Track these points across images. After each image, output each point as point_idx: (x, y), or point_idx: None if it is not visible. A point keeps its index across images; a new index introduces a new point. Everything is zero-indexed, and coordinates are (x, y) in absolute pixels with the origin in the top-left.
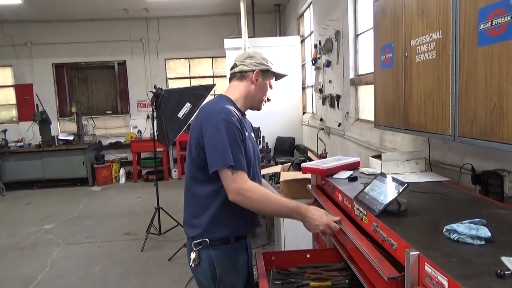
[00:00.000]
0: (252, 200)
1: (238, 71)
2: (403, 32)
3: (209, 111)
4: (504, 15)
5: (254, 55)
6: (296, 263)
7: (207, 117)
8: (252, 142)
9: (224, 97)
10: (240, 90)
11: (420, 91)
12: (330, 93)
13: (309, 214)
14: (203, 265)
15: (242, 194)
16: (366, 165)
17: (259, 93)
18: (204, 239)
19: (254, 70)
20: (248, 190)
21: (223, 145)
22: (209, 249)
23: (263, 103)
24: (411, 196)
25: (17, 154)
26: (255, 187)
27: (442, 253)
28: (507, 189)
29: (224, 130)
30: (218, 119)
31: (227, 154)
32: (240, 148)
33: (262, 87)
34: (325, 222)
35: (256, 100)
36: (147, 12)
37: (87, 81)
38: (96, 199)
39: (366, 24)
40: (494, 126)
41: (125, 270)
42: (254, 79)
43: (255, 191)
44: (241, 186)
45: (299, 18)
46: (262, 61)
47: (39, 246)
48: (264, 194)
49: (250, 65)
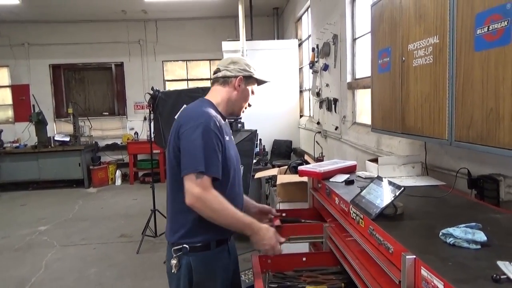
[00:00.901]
0: (212, 210)
1: (222, 76)
2: (400, 36)
3: (190, 114)
4: (500, 20)
5: (238, 61)
6: (292, 266)
7: (187, 120)
8: (233, 147)
9: (206, 101)
10: (222, 95)
11: (417, 95)
12: (327, 97)
13: (260, 233)
14: (181, 271)
15: (203, 202)
16: (362, 168)
17: (240, 99)
18: (184, 245)
19: (237, 76)
20: (209, 200)
21: (197, 150)
22: (189, 255)
23: (244, 109)
24: (407, 200)
25: (12, 155)
26: (217, 197)
27: (438, 257)
28: (502, 193)
29: (200, 134)
30: (196, 123)
31: (199, 159)
32: (216, 154)
33: (244, 93)
34: (272, 244)
35: (237, 106)
36: (145, 14)
37: (84, 82)
38: (91, 200)
39: (363, 28)
40: (490, 130)
41: (120, 273)
42: (237, 85)
43: (216, 201)
44: (203, 193)
45: (297, 21)
46: (245, 67)
47: (33, 248)
48: (224, 206)
49: (233, 71)
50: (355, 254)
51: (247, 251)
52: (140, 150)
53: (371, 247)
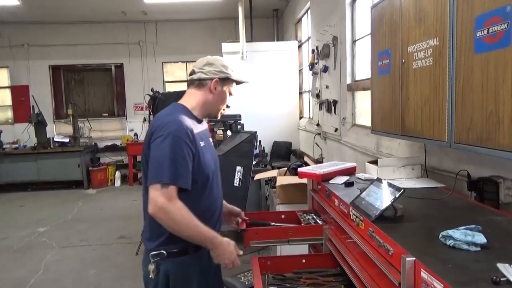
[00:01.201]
0: (174, 221)
1: (196, 79)
2: (400, 38)
3: (160, 123)
4: (500, 23)
5: (214, 62)
6: (292, 268)
7: (157, 129)
8: (211, 150)
9: (178, 106)
10: (197, 99)
11: (416, 98)
12: (327, 98)
13: (221, 247)
14: (159, 276)
15: (165, 212)
16: (362, 170)
17: (217, 102)
18: (161, 251)
19: (212, 79)
20: (172, 211)
21: (164, 160)
22: (166, 261)
23: (222, 111)
24: (407, 202)
25: (11, 156)
26: (180, 209)
27: (438, 259)
28: (502, 195)
29: (169, 144)
30: (166, 132)
31: (165, 170)
32: (185, 164)
33: (221, 95)
34: (231, 259)
35: (214, 108)
36: (145, 15)
37: (84, 83)
38: (91, 202)
39: (363, 30)
40: (490, 133)
41: (119, 274)
42: (212, 88)
43: (179, 213)
44: (167, 204)
45: (297, 23)
46: (221, 69)
47: (32, 249)
48: (187, 218)
49: (208, 73)
50: (354, 256)
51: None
52: (139, 151)
53: (371, 249)
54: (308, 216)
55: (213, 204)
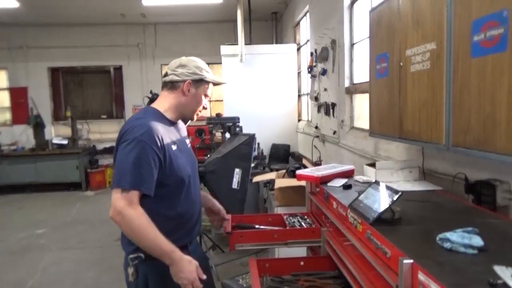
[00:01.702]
0: (130, 228)
1: (169, 81)
2: (398, 42)
3: (129, 127)
4: (497, 27)
5: (187, 64)
6: (290, 270)
7: (125, 133)
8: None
9: (150, 110)
10: (170, 101)
11: (414, 101)
12: (325, 101)
13: (180, 264)
14: (139, 280)
15: (123, 217)
16: (360, 173)
17: (191, 104)
18: (139, 254)
19: (185, 81)
20: (129, 217)
21: (125, 165)
22: (144, 264)
23: (197, 113)
24: (405, 204)
25: (10, 158)
26: (139, 216)
27: (435, 261)
28: (499, 198)
29: (133, 150)
30: (133, 137)
31: (127, 175)
32: (149, 170)
33: (194, 97)
34: (190, 279)
35: (188, 110)
36: (144, 17)
37: (82, 85)
38: (89, 204)
39: (361, 34)
40: (487, 136)
41: (117, 276)
42: (185, 90)
43: (136, 220)
44: (125, 208)
45: (295, 26)
46: (195, 70)
47: (30, 251)
48: (144, 227)
49: (181, 75)
50: (352, 259)
51: (245, 255)
52: None
53: (369, 252)
54: (294, 219)
55: (191, 208)
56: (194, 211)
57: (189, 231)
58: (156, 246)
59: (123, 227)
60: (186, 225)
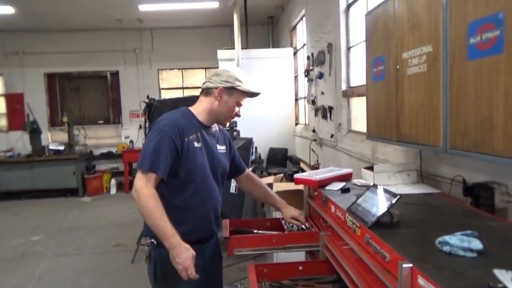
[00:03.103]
0: (140, 205)
1: (205, 87)
2: (394, 45)
3: (158, 121)
4: (493, 30)
5: (221, 73)
6: (289, 275)
7: (153, 124)
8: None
9: (183, 110)
10: (203, 105)
11: (411, 104)
12: (322, 105)
13: (177, 250)
14: (151, 263)
15: (138, 195)
16: (358, 176)
17: (223, 109)
18: (152, 240)
19: (218, 87)
20: (142, 195)
21: (147, 151)
22: (156, 250)
23: (229, 119)
24: (403, 208)
25: (6, 164)
26: (150, 196)
27: (434, 265)
28: (497, 201)
29: (155, 138)
30: (156, 127)
31: (145, 159)
32: (165, 155)
33: (226, 104)
34: (185, 266)
35: (221, 115)
36: (140, 22)
37: (79, 90)
38: (86, 210)
39: (358, 37)
40: (484, 138)
41: (114, 283)
42: (217, 96)
43: (145, 199)
44: (141, 187)
45: (292, 30)
46: (227, 79)
47: (26, 258)
48: (151, 207)
49: (215, 82)
50: (351, 263)
51: (243, 260)
52: (135, 159)
53: (368, 256)
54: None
55: (202, 205)
56: (206, 210)
57: (201, 227)
58: (159, 227)
59: (137, 204)
60: (196, 220)
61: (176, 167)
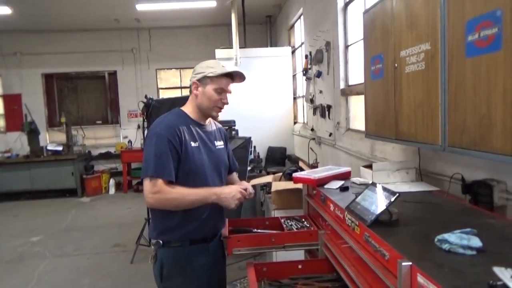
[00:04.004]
0: (171, 204)
1: (189, 87)
2: (392, 43)
3: (154, 124)
4: (491, 27)
5: (196, 68)
6: (288, 274)
7: (149, 130)
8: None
9: (176, 111)
10: (191, 103)
11: (410, 102)
12: (321, 103)
13: (224, 191)
14: (157, 263)
15: (161, 202)
16: (357, 175)
17: (203, 101)
18: (158, 240)
19: (192, 82)
20: (165, 197)
21: (149, 157)
22: (162, 250)
23: (216, 109)
24: (402, 206)
25: (4, 165)
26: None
27: (434, 263)
28: (496, 198)
29: (154, 143)
30: (153, 132)
31: (149, 165)
32: (167, 159)
33: (204, 95)
34: (238, 190)
35: (204, 108)
36: (138, 22)
37: (77, 91)
38: (85, 210)
39: (356, 35)
40: (483, 136)
41: (114, 283)
42: (194, 90)
43: (171, 195)
44: (158, 195)
45: (290, 29)
46: (198, 70)
47: (25, 259)
48: (178, 192)
49: (191, 80)
50: (351, 261)
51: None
52: (134, 159)
53: (367, 254)
54: (291, 222)
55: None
56: (210, 208)
57: (205, 226)
58: (198, 196)
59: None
60: (200, 219)
61: (177, 168)
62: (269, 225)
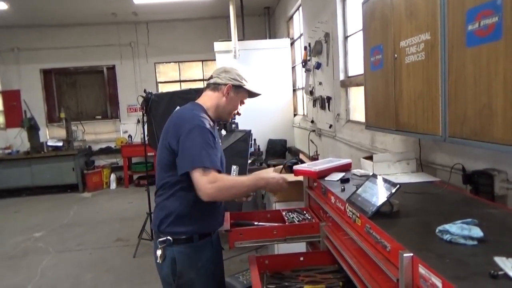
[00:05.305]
0: (229, 193)
1: (213, 83)
2: (392, 33)
3: (184, 117)
4: (491, 16)
5: (230, 71)
6: (290, 266)
7: (181, 123)
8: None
9: (197, 105)
10: (212, 100)
11: (410, 92)
12: (320, 95)
13: (270, 176)
14: (166, 261)
15: (220, 193)
16: (357, 166)
17: (228, 106)
18: (168, 237)
19: (227, 84)
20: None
21: (196, 148)
22: (172, 247)
23: (231, 116)
24: (403, 197)
25: (4, 162)
26: (226, 180)
27: (435, 254)
28: (497, 188)
29: (199, 134)
30: (192, 125)
31: (200, 156)
32: (214, 149)
33: (232, 101)
34: (280, 176)
35: (225, 112)
36: (135, 16)
37: (75, 86)
38: (86, 205)
39: (355, 26)
40: (484, 126)
41: (117, 277)
42: (225, 93)
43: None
44: (216, 186)
45: (288, 20)
46: (236, 77)
47: (28, 255)
48: (233, 179)
49: (224, 79)
50: (352, 253)
51: (245, 252)
52: (134, 153)
53: (368, 246)
54: (293, 214)
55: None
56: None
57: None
58: (250, 182)
59: (225, 198)
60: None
61: None
62: (270, 218)
